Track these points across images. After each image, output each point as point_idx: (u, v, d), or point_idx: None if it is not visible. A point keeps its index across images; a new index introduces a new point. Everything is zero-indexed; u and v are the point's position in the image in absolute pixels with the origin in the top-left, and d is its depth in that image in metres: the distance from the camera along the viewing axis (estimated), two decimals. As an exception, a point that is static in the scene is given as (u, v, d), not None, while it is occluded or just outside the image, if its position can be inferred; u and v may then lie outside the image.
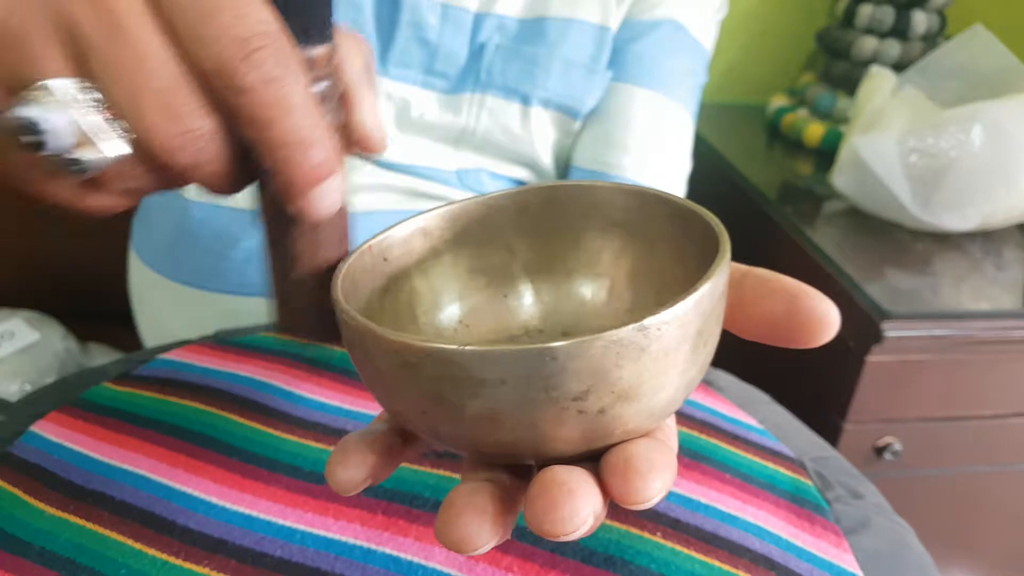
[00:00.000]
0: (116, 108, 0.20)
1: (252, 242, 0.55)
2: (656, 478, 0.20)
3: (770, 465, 0.40)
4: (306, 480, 0.36)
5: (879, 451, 0.79)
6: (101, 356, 0.81)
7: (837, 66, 1.07)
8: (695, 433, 0.41)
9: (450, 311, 0.30)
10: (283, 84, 0.21)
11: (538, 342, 0.19)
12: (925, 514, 0.85)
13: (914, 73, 0.89)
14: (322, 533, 0.33)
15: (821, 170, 1.00)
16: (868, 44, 1.03)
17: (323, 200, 0.23)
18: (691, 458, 0.39)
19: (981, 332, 0.74)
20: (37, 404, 0.41)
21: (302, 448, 0.38)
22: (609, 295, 0.30)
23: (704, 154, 1.05)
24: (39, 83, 0.20)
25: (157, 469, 0.36)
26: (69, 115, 0.20)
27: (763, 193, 0.94)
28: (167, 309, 0.61)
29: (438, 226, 0.29)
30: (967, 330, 0.73)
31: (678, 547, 0.33)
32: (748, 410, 0.45)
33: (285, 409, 0.40)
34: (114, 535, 0.33)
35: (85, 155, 0.20)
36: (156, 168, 0.22)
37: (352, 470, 0.23)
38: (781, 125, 1.12)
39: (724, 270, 0.22)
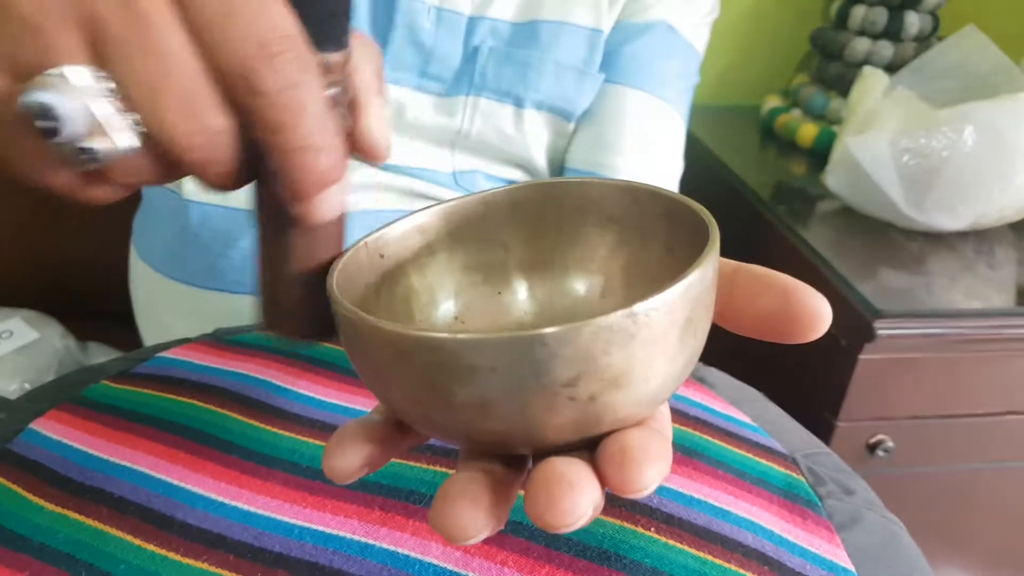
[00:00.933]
0: (131, 100, 0.20)
1: (251, 242, 0.55)
2: (652, 467, 0.20)
3: (763, 461, 0.41)
4: (304, 476, 0.36)
5: (871, 448, 0.80)
6: (100, 355, 0.81)
7: (830, 67, 1.08)
8: (688, 429, 0.41)
9: (445, 307, 0.30)
10: (300, 90, 0.21)
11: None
12: (917, 511, 0.85)
13: (907, 74, 0.89)
14: (320, 528, 0.33)
15: (814, 170, 1.01)
16: (861, 45, 1.03)
17: (327, 204, 0.23)
18: (684, 454, 0.39)
19: (973, 331, 0.74)
20: (37, 401, 0.41)
21: (299, 444, 0.38)
22: (603, 291, 0.30)
23: (698, 154, 1.05)
24: (55, 70, 0.20)
25: (156, 466, 0.36)
26: (84, 103, 0.20)
27: (757, 193, 0.95)
28: (167, 308, 0.61)
29: (434, 223, 0.30)
30: (959, 328, 0.74)
31: (671, 542, 0.34)
32: (740, 407, 0.46)
33: (283, 406, 0.41)
34: (113, 531, 0.33)
35: (96, 145, 0.20)
36: (163, 162, 0.22)
37: (349, 458, 0.23)
38: (775, 126, 1.13)
39: (713, 259, 0.22)
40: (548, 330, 0.19)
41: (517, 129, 0.59)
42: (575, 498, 0.19)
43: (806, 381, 0.82)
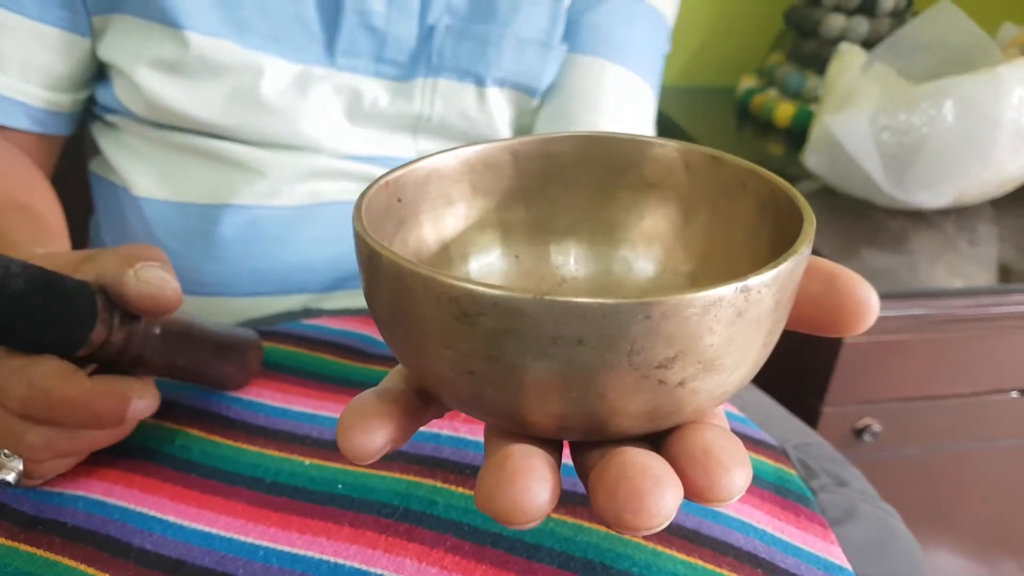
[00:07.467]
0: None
1: (210, 239, 0.53)
2: (740, 473, 0.18)
3: (753, 456, 0.39)
4: (268, 492, 0.34)
5: (858, 433, 0.79)
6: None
7: (806, 45, 1.06)
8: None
9: (457, 269, 0.27)
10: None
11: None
12: (905, 494, 0.85)
13: (883, 50, 0.88)
14: (286, 549, 0.31)
15: (792, 150, 0.99)
16: (836, 22, 1.02)
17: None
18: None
19: (958, 310, 0.73)
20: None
21: (262, 458, 0.36)
22: (634, 262, 0.27)
23: (674, 137, 1.04)
24: None
25: (111, 491, 0.34)
26: None
27: (735, 175, 0.93)
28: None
29: (455, 170, 0.26)
30: (944, 308, 0.73)
31: (659, 548, 0.32)
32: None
33: (244, 418, 0.38)
34: (66, 561, 0.31)
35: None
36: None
37: (371, 434, 0.20)
38: (751, 106, 1.11)
39: (812, 235, 0.20)
40: (653, 300, 0.16)
41: (480, 109, 0.57)
42: (663, 494, 0.17)
43: (791, 367, 0.80)
